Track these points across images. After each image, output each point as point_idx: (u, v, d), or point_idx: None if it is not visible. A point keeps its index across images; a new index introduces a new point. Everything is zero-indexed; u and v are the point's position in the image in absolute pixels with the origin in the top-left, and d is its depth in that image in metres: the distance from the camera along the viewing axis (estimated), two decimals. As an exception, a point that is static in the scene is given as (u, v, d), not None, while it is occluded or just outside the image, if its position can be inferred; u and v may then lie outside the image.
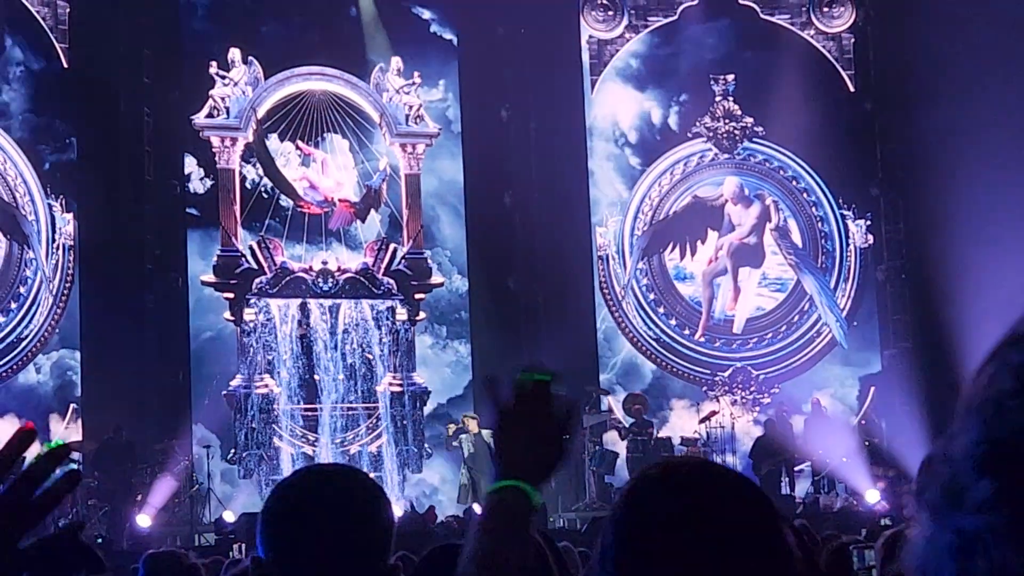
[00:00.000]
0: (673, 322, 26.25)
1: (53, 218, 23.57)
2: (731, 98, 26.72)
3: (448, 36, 26.27)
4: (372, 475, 3.69)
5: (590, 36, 26.69)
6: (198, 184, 24.72)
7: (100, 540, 19.55)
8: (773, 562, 2.33)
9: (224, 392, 24.16)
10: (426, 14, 26.09)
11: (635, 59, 26.91)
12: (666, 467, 2.51)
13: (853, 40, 26.92)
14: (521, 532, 2.79)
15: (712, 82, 26.69)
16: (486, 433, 23.16)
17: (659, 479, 2.42)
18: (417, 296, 25.28)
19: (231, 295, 24.55)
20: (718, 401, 25.63)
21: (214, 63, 24.68)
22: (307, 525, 3.12)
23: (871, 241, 26.69)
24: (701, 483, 2.40)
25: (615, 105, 26.77)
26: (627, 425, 24.60)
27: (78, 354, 23.50)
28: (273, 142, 24.98)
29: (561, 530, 21.48)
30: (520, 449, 2.88)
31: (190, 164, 24.73)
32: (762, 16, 26.81)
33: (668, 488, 2.38)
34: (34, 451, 2.13)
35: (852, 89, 26.86)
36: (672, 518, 2.34)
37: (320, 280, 24.78)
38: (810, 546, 4.12)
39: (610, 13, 26.72)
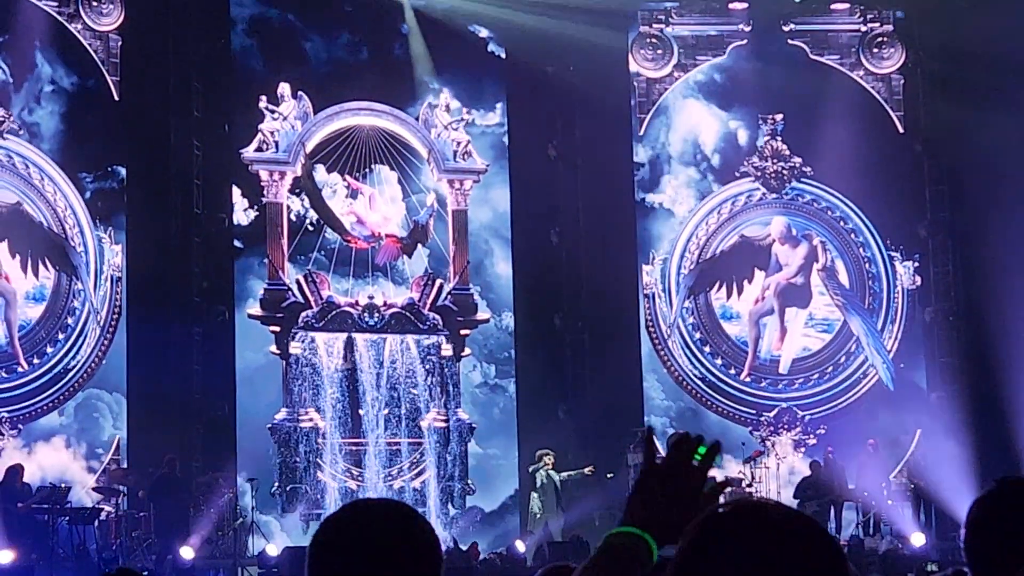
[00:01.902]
0: (719, 361, 26.08)
1: (102, 249, 23.56)
2: (779, 138, 26.58)
3: (506, 56, 26.22)
4: (418, 510, 3.55)
5: (638, 75, 26.59)
6: (242, 216, 24.64)
7: (146, 573, 19.46)
8: None
9: (268, 425, 24.09)
10: (483, 32, 25.95)
11: (719, 73, 26.81)
12: (735, 508, 2.45)
13: (903, 81, 26.76)
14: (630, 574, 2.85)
15: (760, 122, 26.58)
16: (553, 473, 23.18)
17: (727, 519, 2.40)
18: (462, 332, 25.23)
19: (277, 328, 24.49)
20: (764, 442, 25.52)
21: (264, 97, 24.67)
22: (355, 561, 3.08)
23: (919, 283, 26.45)
24: (770, 525, 2.37)
25: (697, 123, 26.80)
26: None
27: (105, 394, 23.39)
28: (320, 173, 24.95)
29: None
30: (654, 505, 2.93)
31: (237, 196, 24.68)
32: (811, 56, 26.70)
33: (737, 529, 2.36)
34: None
35: (901, 130, 26.68)
36: (741, 559, 2.32)
37: (366, 315, 24.76)
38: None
39: (659, 52, 26.65)
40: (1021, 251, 23.69)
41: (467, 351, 25.26)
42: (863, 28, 26.82)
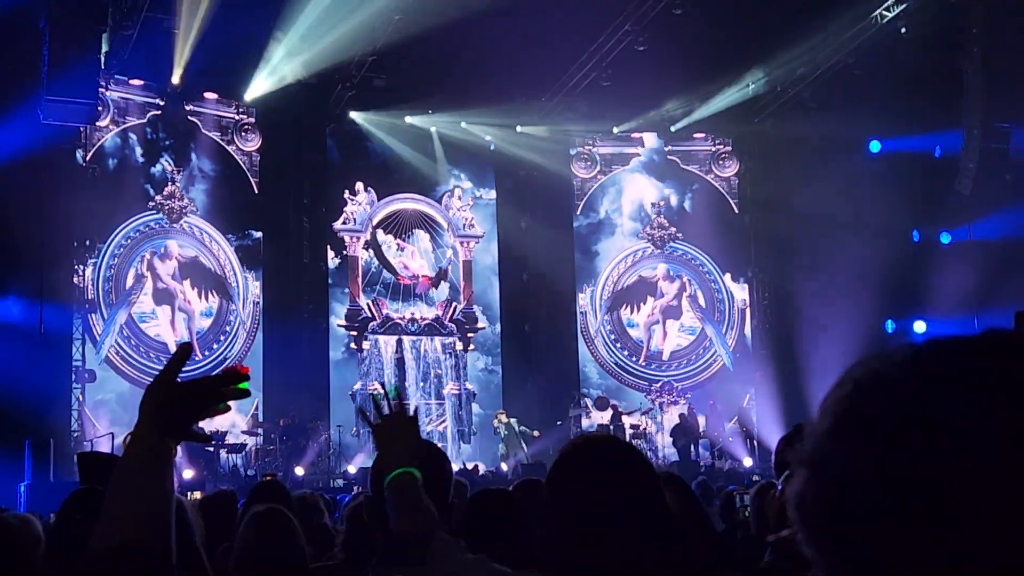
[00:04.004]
0: (626, 353, 26.25)
1: (247, 284, 23.69)
2: (662, 215, 26.77)
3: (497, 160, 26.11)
4: (439, 444, 3.66)
5: (575, 176, 26.80)
6: (332, 263, 24.72)
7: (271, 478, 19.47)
8: (652, 500, 2.26)
9: (349, 393, 24.18)
10: (487, 137, 25.77)
11: (657, 155, 26.85)
12: (584, 438, 2.45)
13: (738, 181, 26.99)
14: (419, 498, 2.74)
15: (653, 207, 26.77)
16: (513, 421, 23.21)
17: (578, 446, 2.38)
18: (469, 335, 25.36)
19: (355, 333, 24.60)
20: (653, 402, 25.66)
21: (347, 191, 24.80)
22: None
23: (748, 304, 26.65)
24: (601, 446, 2.36)
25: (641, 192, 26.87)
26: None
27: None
28: (380, 235, 25.10)
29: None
30: (397, 448, 2.83)
31: (329, 252, 24.74)
32: (682, 166, 26.93)
33: (583, 452, 2.34)
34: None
35: (736, 211, 26.89)
36: (585, 468, 2.29)
37: (409, 324, 24.90)
38: (697, 496, 3.99)
39: (588, 163, 26.87)
40: (809, 286, 23.90)
41: (472, 347, 25.40)
42: (713, 148, 27.05)
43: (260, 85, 23.20)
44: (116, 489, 1.80)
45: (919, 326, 23.03)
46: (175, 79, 22.19)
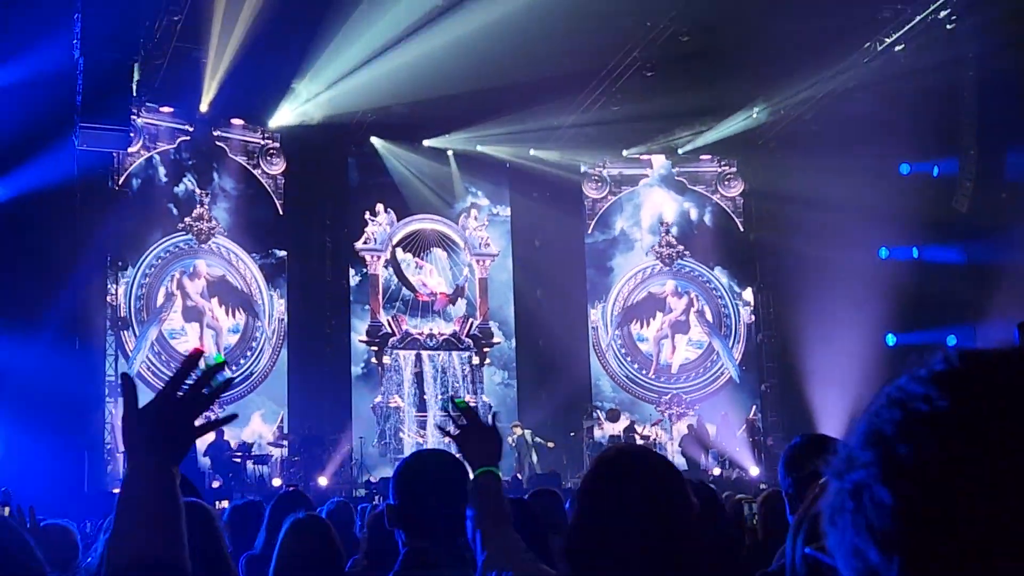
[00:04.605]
0: (636, 366, 26.18)
1: (272, 302, 23.69)
2: (671, 234, 26.74)
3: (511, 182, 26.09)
4: (457, 455, 3.67)
5: (586, 196, 26.77)
6: (353, 281, 24.76)
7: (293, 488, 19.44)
8: (682, 505, 2.26)
9: (371, 405, 24.19)
10: (503, 155, 25.75)
11: (665, 176, 26.80)
12: (618, 449, 2.45)
13: (743, 200, 26.95)
14: (498, 494, 2.94)
15: (660, 226, 26.74)
16: (527, 433, 23.16)
17: (612, 457, 2.37)
18: (485, 349, 25.32)
19: (376, 348, 24.58)
20: (663, 414, 25.62)
21: (368, 212, 24.82)
22: (418, 485, 3.12)
23: (754, 319, 26.59)
24: (636, 457, 2.36)
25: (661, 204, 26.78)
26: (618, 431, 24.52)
27: (274, 386, 23.33)
28: (400, 254, 25.12)
29: (567, 490, 21.35)
30: (479, 450, 3.02)
31: (351, 270, 24.78)
32: (689, 186, 26.90)
33: (619, 462, 2.34)
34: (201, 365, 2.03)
35: (741, 229, 26.83)
36: (615, 475, 2.30)
37: (428, 339, 24.88)
38: (710, 502, 3.96)
39: (599, 183, 26.88)
40: (812, 301, 23.86)
41: (488, 361, 25.34)
42: (719, 169, 27.04)
43: (284, 115, 23.34)
44: (122, 516, 1.85)
45: (918, 340, 22.92)
46: (203, 107, 22.30)
